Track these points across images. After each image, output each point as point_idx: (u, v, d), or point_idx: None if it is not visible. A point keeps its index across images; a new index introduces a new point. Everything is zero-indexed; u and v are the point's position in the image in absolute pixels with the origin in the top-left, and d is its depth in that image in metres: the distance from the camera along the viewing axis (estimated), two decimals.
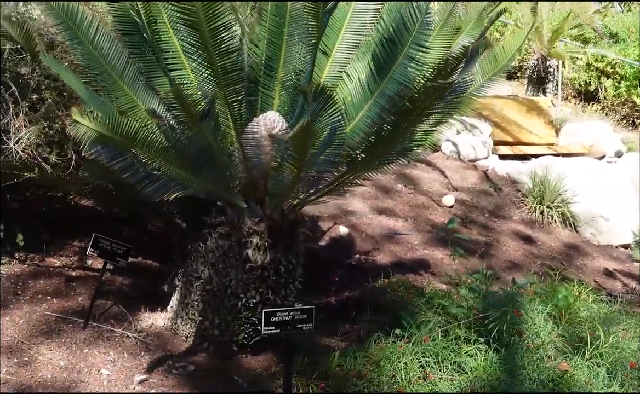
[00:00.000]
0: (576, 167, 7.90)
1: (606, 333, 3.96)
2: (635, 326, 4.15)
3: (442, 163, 8.10)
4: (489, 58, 3.77)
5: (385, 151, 3.26)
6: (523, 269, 5.77)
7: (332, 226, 5.73)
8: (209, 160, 3.02)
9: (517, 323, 3.66)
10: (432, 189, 7.06)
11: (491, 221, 6.70)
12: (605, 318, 4.28)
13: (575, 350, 3.70)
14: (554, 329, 3.80)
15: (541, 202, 7.13)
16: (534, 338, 3.65)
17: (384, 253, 5.52)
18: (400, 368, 3.30)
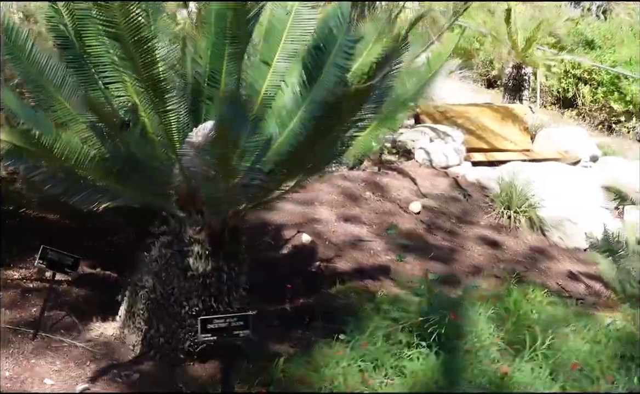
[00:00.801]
0: (545, 172, 7.98)
1: (553, 335, 4.02)
2: (586, 327, 4.19)
3: (415, 170, 8.15)
4: (426, 64, 3.83)
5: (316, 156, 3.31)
6: (485, 273, 5.83)
7: (295, 234, 5.77)
8: (135, 170, 3.06)
9: (458, 327, 3.70)
10: (401, 196, 7.11)
11: (457, 227, 6.75)
12: (556, 320, 4.33)
13: (519, 353, 3.74)
14: (498, 332, 3.84)
15: (509, 207, 7.19)
16: (475, 341, 3.69)
17: (345, 260, 5.56)
18: (338, 373, 3.34)
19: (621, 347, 3.95)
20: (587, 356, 3.72)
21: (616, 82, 13.02)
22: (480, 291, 4.78)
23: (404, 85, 3.88)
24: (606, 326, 4.10)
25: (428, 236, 6.35)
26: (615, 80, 13.03)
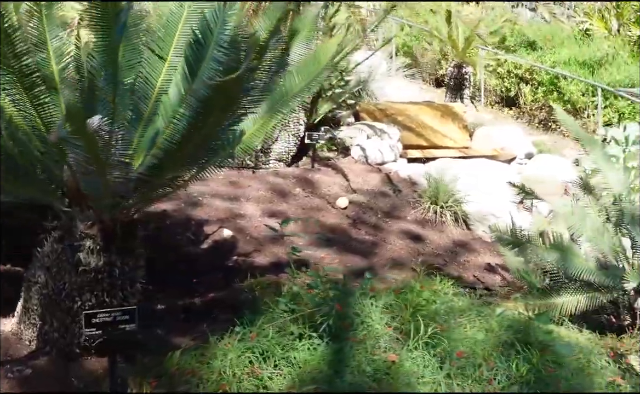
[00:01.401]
0: (475, 169, 8.17)
1: (448, 324, 4.14)
2: (482, 316, 4.32)
3: (349, 167, 8.27)
4: (310, 60, 3.91)
5: (197, 150, 3.36)
6: (404, 266, 5.93)
7: (216, 229, 5.81)
8: (12, 167, 3.07)
9: (347, 318, 3.79)
10: (331, 192, 7.20)
11: (383, 222, 6.87)
12: (456, 310, 4.46)
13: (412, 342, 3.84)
14: (392, 323, 3.94)
15: (435, 202, 7.33)
16: (367, 331, 3.79)
17: (264, 254, 5.62)
18: (226, 365, 3.40)
19: (511, 335, 4.10)
20: (474, 345, 3.85)
21: (555, 82, 13.33)
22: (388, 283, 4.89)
23: (293, 80, 3.96)
24: (497, 315, 4.23)
25: (352, 230, 6.46)
26: (555, 80, 13.33)
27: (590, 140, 5.39)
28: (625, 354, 4.55)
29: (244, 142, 3.76)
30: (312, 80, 3.93)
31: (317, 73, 3.92)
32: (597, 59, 13.23)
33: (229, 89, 2.97)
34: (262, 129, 3.85)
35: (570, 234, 5.38)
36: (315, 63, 3.91)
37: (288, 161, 8.30)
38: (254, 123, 3.82)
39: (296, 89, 3.89)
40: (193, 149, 3.29)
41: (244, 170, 7.36)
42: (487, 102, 14.74)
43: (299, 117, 8.30)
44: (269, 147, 8.21)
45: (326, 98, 9.03)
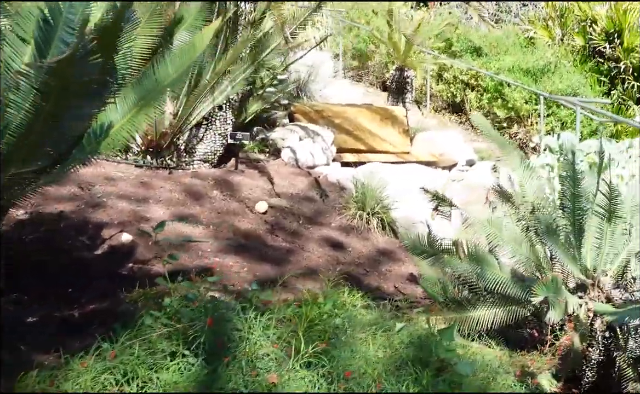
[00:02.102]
0: (407, 174, 7.92)
1: (347, 340, 3.85)
2: (383, 332, 4.03)
3: (277, 169, 7.94)
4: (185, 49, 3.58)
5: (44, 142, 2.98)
6: (319, 276, 5.61)
7: (115, 234, 5.41)
8: None
9: (224, 334, 3.45)
10: (252, 196, 6.85)
11: (304, 228, 6.55)
12: (359, 325, 4.17)
13: (301, 360, 3.52)
14: (279, 339, 3.62)
15: (362, 208, 7.04)
16: (249, 349, 3.45)
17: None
18: (78, 388, 3.03)
19: (412, 352, 3.82)
20: (365, 364, 3.55)
21: (500, 89, 13.24)
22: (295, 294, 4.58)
23: (166, 69, 3.61)
24: (398, 331, 3.95)
25: (268, 237, 6.12)
26: (499, 87, 13.25)
27: (508, 146, 5.15)
28: (536, 372, 4.31)
29: (112, 136, 3.39)
30: (185, 70, 3.58)
31: (190, 63, 3.57)
32: (540, 67, 13.18)
33: (64, 73, 2.60)
34: (132, 122, 3.49)
35: (489, 244, 5.15)
36: (190, 52, 3.57)
37: (214, 162, 7.93)
38: (123, 115, 3.46)
39: (168, 79, 3.54)
40: (36, 140, 2.91)
41: (161, 171, 6.96)
42: (433, 107, 14.60)
43: (226, 116, 7.94)
44: (194, 147, 7.84)
45: (257, 97, 8.69)
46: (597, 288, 4.92)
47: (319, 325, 3.98)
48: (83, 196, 5.92)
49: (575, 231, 4.83)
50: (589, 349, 4.83)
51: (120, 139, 3.52)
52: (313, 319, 3.98)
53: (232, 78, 7.23)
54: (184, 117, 7.09)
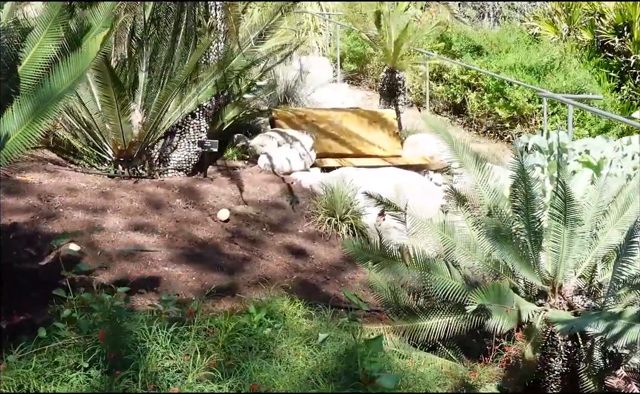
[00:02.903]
0: (379, 178, 7.69)
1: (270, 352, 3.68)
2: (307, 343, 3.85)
3: (251, 176, 7.78)
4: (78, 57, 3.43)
5: None
6: (273, 284, 5.42)
7: (63, 244, 5.28)
8: None
9: (123, 346, 3.28)
10: (217, 204, 6.69)
11: (267, 235, 6.37)
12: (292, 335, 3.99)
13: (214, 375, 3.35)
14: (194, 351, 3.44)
15: (332, 214, 6.84)
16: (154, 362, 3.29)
17: (111, 271, 5.11)
18: None
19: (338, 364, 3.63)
20: (274, 376, 3.36)
21: (501, 88, 12.96)
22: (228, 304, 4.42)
23: (60, 79, 3.46)
24: (321, 342, 3.76)
25: (225, 245, 5.95)
26: (501, 86, 12.96)
27: (460, 147, 4.91)
28: (477, 385, 4.08)
29: (9, 148, 3.25)
30: (78, 79, 3.43)
31: (84, 71, 3.43)
32: (544, 65, 12.84)
33: None
34: (29, 132, 3.35)
35: (444, 249, 4.92)
36: (83, 60, 3.42)
37: (189, 170, 7.79)
38: (19, 125, 3.33)
39: (63, 88, 3.39)
40: None
41: (126, 180, 6.85)
42: (434, 109, 14.35)
43: (199, 124, 7.79)
44: (167, 156, 7.72)
45: (234, 104, 8.55)
46: (559, 295, 4.67)
47: (241, 337, 3.81)
48: (40, 207, 5.82)
49: (531, 235, 4.58)
50: (551, 360, 4.59)
51: (14, 151, 3.38)
52: (240, 330, 3.81)
53: (198, 87, 7.09)
54: (151, 126, 6.96)
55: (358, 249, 4.60)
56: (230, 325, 3.77)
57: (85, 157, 7.44)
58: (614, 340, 3.94)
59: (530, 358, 4.29)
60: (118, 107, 6.48)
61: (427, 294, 4.90)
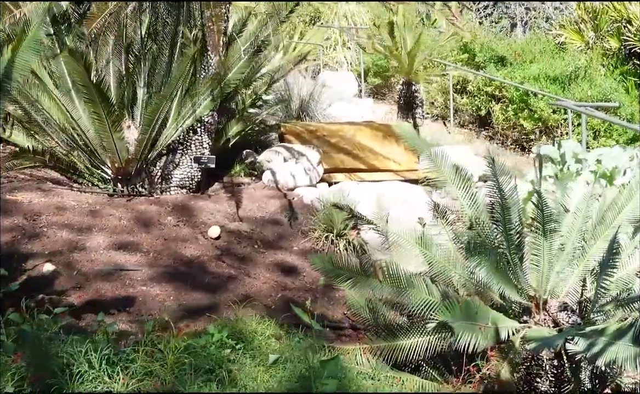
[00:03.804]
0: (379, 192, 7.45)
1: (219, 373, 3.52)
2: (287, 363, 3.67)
3: (253, 192, 7.65)
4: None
5: None
6: (258, 303, 5.26)
7: (38, 264, 5.23)
8: None
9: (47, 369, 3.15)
10: (211, 221, 6.57)
11: (258, 253, 6.20)
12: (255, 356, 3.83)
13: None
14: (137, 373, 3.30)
15: (330, 230, 6.64)
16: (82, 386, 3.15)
17: (85, 292, 5.01)
18: None
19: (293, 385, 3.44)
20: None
21: (526, 99, 12.57)
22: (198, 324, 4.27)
23: None
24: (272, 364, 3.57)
25: (212, 263, 5.81)
26: (525, 97, 12.57)
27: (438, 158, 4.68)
28: None
29: None
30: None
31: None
32: (569, 74, 12.40)
33: None
34: None
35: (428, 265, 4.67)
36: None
37: (192, 187, 7.71)
38: None
39: None
40: None
41: (119, 198, 6.79)
42: (459, 121, 14.04)
43: (201, 140, 7.70)
44: (170, 173, 7.65)
45: (238, 118, 8.45)
46: (544, 312, 4.38)
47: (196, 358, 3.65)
48: (25, 226, 5.79)
49: (511, 249, 4.31)
50: (537, 380, 4.30)
51: None
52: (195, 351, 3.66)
53: (193, 101, 7.01)
54: (144, 142, 6.89)
55: (329, 265, 4.37)
56: (181, 345, 3.62)
57: (87, 176, 7.43)
58: (594, 359, 3.65)
59: (506, 378, 4.00)
60: (109, 124, 6.43)
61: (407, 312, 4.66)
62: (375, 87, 15.38)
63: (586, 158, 7.72)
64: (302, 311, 3.80)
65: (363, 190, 7.47)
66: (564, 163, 7.99)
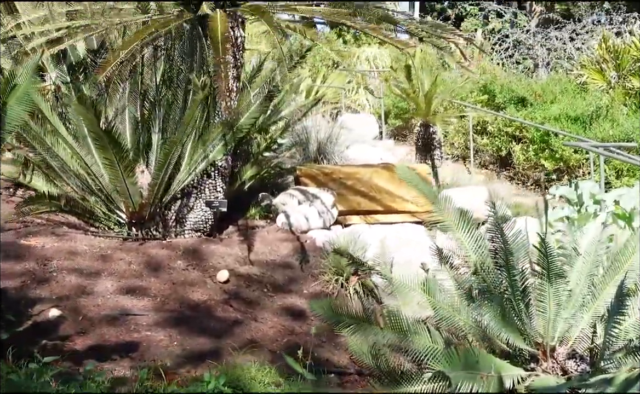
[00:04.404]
0: (394, 234, 7.39)
1: None
2: None
3: (265, 235, 7.64)
4: None
5: None
6: (262, 349, 5.21)
7: (43, 309, 5.26)
8: None
9: None
10: (221, 265, 6.56)
11: (267, 297, 6.16)
12: None
13: None
14: None
15: (341, 273, 6.58)
16: None
17: (90, 337, 5.00)
18: None
19: None
20: None
21: (546, 139, 12.47)
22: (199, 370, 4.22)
23: None
24: None
25: (219, 308, 5.78)
26: (546, 137, 12.47)
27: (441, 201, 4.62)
28: None
29: None
30: None
31: None
32: (590, 114, 12.29)
33: None
34: None
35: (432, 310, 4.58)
36: None
37: (207, 230, 7.72)
38: None
39: None
40: None
41: (131, 242, 6.83)
42: (480, 162, 13.96)
43: (215, 184, 7.73)
44: (184, 216, 7.68)
45: (253, 162, 8.50)
46: (552, 359, 4.25)
47: None
48: (35, 271, 5.84)
49: (515, 294, 4.21)
50: None
51: None
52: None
53: (205, 146, 7.07)
54: (158, 188, 6.95)
55: (329, 311, 4.31)
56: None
57: (103, 220, 7.49)
58: None
59: None
60: (121, 170, 6.50)
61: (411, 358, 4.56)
62: (396, 129, 15.40)
63: (604, 199, 7.59)
64: (294, 361, 3.72)
65: (374, 232, 7.42)
66: (581, 204, 7.86)
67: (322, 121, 12.71)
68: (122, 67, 6.08)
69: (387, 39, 6.72)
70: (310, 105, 9.43)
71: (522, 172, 13.05)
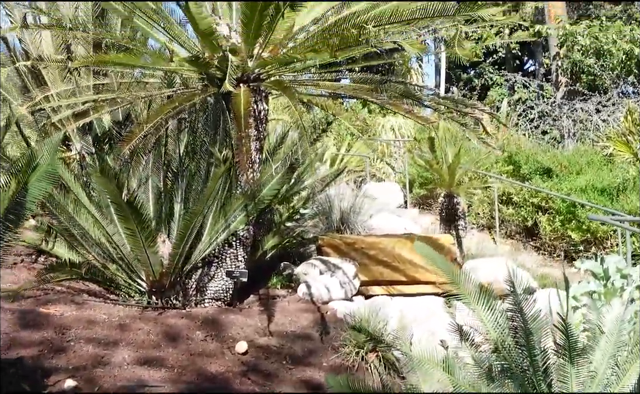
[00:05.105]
0: (415, 307, 7.28)
1: None
2: None
3: (286, 306, 7.58)
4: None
5: None
6: None
7: (59, 380, 5.23)
8: None
9: None
10: (240, 335, 6.50)
11: (285, 369, 6.06)
12: None
13: None
14: None
15: (362, 346, 6.47)
16: None
17: None
18: None
19: None
20: None
21: (573, 211, 12.32)
22: None
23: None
24: None
25: (237, 380, 5.69)
26: (572, 208, 12.33)
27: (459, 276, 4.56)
28: None
29: None
30: None
31: None
32: (617, 185, 12.16)
33: None
34: None
35: None
36: None
37: (227, 299, 7.70)
38: None
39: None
40: None
41: (150, 312, 6.82)
42: (506, 232, 13.81)
43: (236, 253, 7.74)
44: (205, 285, 7.67)
45: (274, 232, 8.51)
46: None
47: None
48: (53, 340, 5.84)
49: (537, 375, 4.09)
50: None
51: None
52: None
53: (227, 217, 7.11)
54: (179, 257, 6.97)
55: (345, 388, 4.22)
56: None
57: (124, 288, 7.52)
58: None
59: None
60: (142, 239, 6.54)
61: None
62: (421, 198, 15.36)
63: (631, 274, 7.41)
64: None
65: (396, 304, 7.31)
66: (607, 279, 7.68)
67: (346, 189, 12.74)
68: (147, 139, 6.19)
69: (409, 115, 6.78)
70: (333, 175, 9.47)
71: (548, 243, 12.88)
